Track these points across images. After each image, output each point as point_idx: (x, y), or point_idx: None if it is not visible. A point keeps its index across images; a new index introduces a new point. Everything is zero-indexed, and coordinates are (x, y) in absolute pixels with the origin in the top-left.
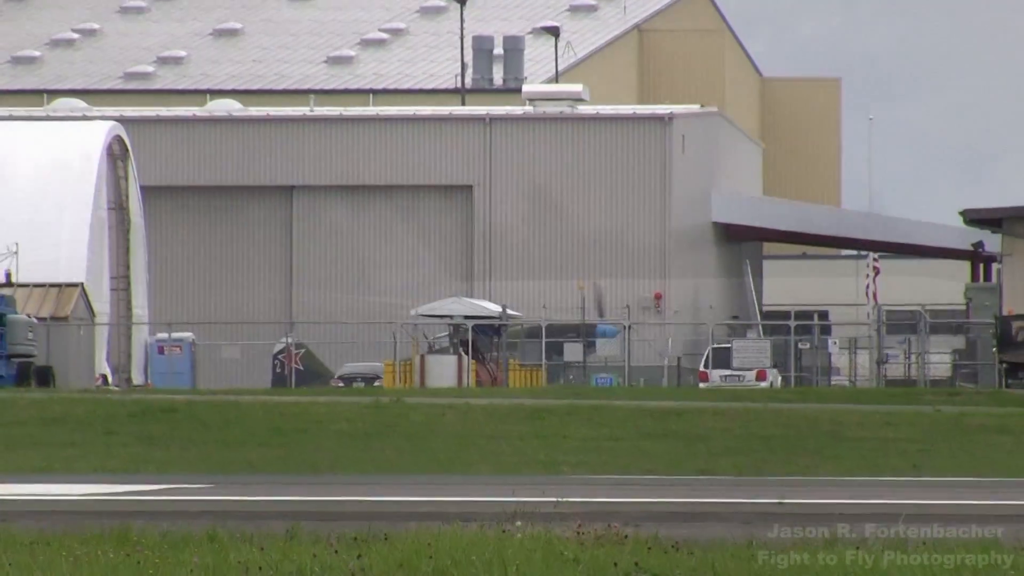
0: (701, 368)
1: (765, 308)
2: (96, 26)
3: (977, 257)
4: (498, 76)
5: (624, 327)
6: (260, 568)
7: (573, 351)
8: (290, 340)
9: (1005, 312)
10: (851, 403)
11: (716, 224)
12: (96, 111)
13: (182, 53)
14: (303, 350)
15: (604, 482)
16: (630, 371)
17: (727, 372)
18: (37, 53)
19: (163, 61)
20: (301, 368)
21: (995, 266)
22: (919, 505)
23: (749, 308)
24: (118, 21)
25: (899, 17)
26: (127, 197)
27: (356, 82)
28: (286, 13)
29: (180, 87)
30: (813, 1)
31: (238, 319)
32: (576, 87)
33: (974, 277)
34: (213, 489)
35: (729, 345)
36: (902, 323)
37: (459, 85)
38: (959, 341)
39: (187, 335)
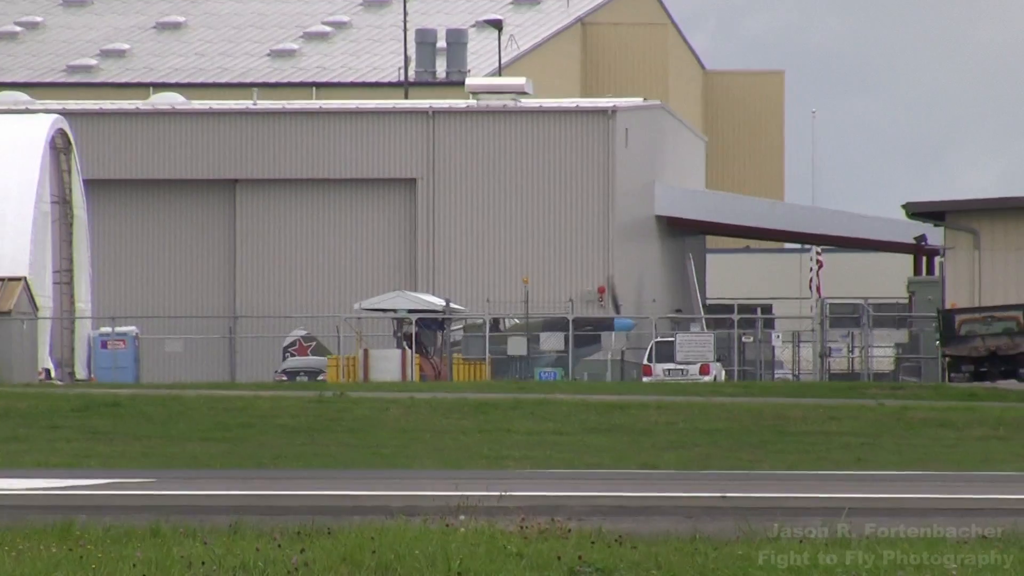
0: (644, 362)
1: (708, 302)
2: (39, 19)
3: (920, 251)
4: (441, 69)
5: (567, 321)
6: (203, 562)
7: (517, 345)
8: (302, 333)
9: (948, 306)
10: (794, 397)
11: (659, 217)
12: (39, 104)
13: (125, 46)
14: (314, 342)
15: (548, 476)
16: (574, 365)
17: (671, 366)
18: None
19: (106, 54)
20: (298, 367)
21: (938, 260)
22: (862, 499)
23: (692, 302)
24: (61, 14)
25: (843, 11)
26: (70, 191)
27: (299, 75)
28: (229, 6)
29: (123, 80)
30: None
31: (181, 313)
32: (519, 80)
33: (917, 271)
34: (156, 484)
35: (672, 339)
36: (845, 317)
37: (402, 78)
38: (902, 335)
39: (131, 329)
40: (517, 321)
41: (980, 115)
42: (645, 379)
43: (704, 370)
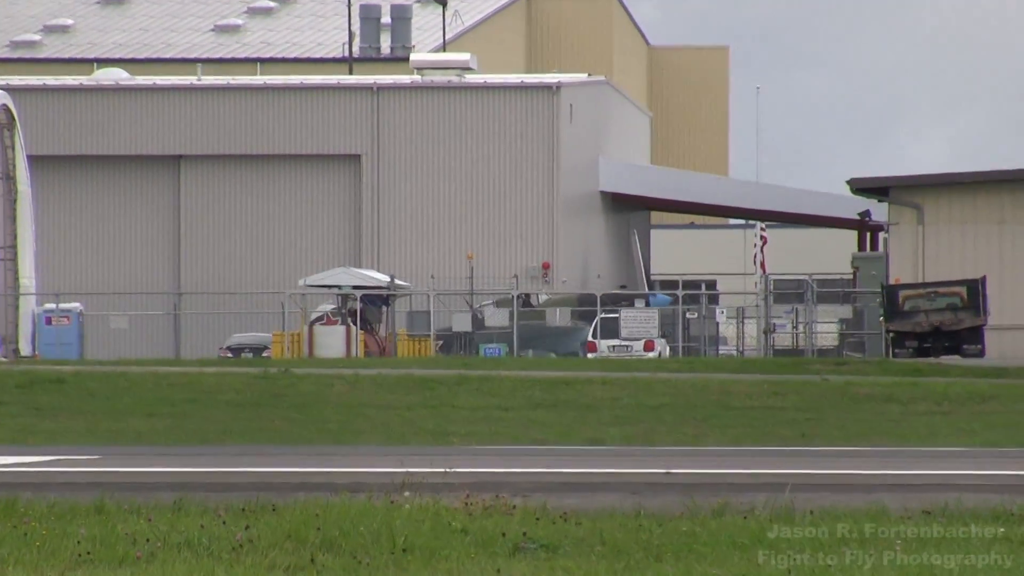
0: (589, 338)
1: (653, 277)
2: None
3: (864, 226)
4: (386, 45)
5: (512, 297)
6: (148, 539)
7: (461, 321)
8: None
9: (892, 281)
10: (739, 373)
11: (604, 193)
12: None
13: (69, 22)
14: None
15: (493, 452)
16: (519, 341)
17: (615, 342)
18: None
19: (50, 30)
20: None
21: (882, 235)
22: (807, 475)
23: (637, 277)
24: None
25: None
26: (14, 167)
27: (243, 51)
28: None
29: (67, 56)
30: None
31: (126, 289)
32: (464, 56)
33: (861, 246)
34: (101, 460)
35: (617, 315)
36: (789, 292)
37: (347, 54)
38: (846, 310)
39: (75, 305)
40: (547, 297)
41: (925, 90)
42: (590, 355)
43: (649, 346)
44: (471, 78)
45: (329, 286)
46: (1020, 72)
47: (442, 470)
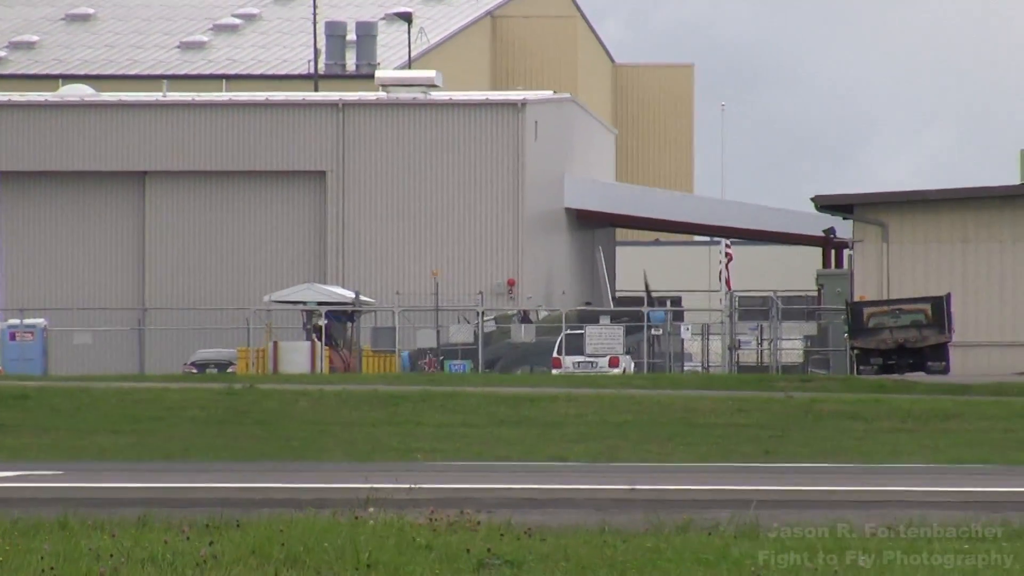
0: (554, 354)
1: (618, 294)
2: None
3: (829, 243)
4: (351, 62)
5: (477, 314)
6: (111, 555)
7: (426, 337)
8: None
9: (856, 298)
10: (703, 389)
11: (569, 210)
12: None
13: (34, 38)
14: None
15: (457, 468)
16: (484, 358)
17: (580, 358)
18: None
19: (15, 46)
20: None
21: (847, 252)
22: (771, 491)
23: (602, 294)
24: None
25: (754, 3)
26: None
27: (209, 67)
28: None
29: (32, 72)
30: None
31: (90, 305)
32: (429, 73)
33: (826, 263)
34: (65, 476)
35: (582, 331)
36: (754, 309)
37: (312, 71)
38: (811, 327)
39: (39, 321)
40: (547, 313)
41: (890, 108)
42: (554, 371)
43: (613, 362)
44: (436, 95)
45: (294, 302)
46: (986, 91)
47: (407, 486)
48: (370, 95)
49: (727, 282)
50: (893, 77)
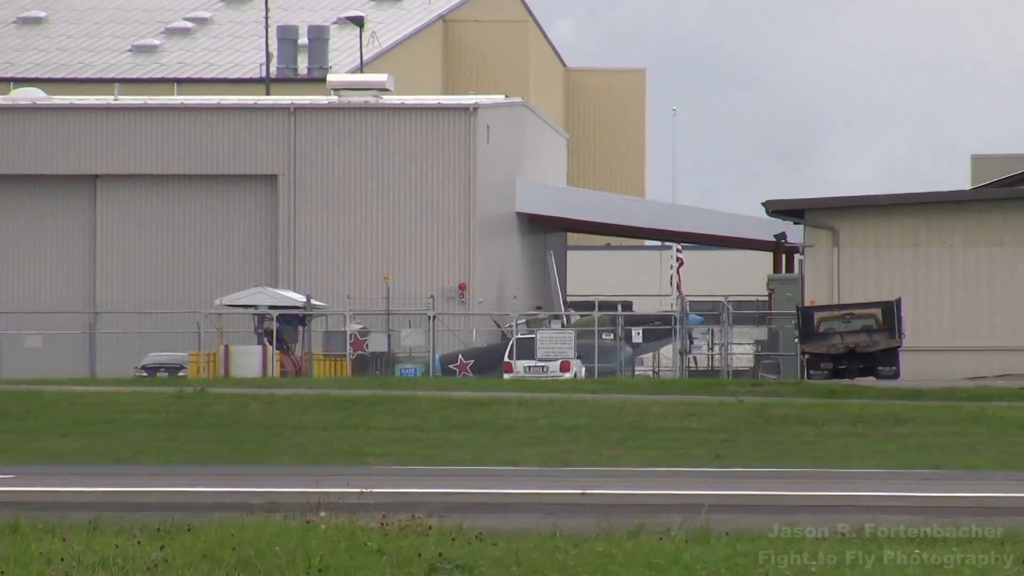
0: (505, 359)
1: (570, 298)
2: None
3: (780, 248)
4: (303, 66)
5: (429, 318)
6: (62, 559)
7: (377, 341)
8: (357, 327)
9: (807, 303)
10: (655, 394)
11: (520, 214)
12: None
13: None
14: (368, 335)
15: (409, 473)
16: (435, 362)
17: (531, 363)
18: None
19: None
20: (366, 353)
21: (797, 257)
22: (722, 495)
23: (553, 298)
24: None
25: (705, 7)
26: None
27: (161, 71)
28: (90, 1)
29: None
30: None
31: (41, 308)
32: (381, 77)
33: (776, 268)
34: (15, 479)
35: (533, 335)
36: (705, 313)
37: (264, 75)
38: (762, 332)
39: None
40: (580, 317)
41: (844, 112)
42: (506, 376)
43: (565, 367)
44: (388, 99)
45: (246, 306)
46: (939, 95)
47: (358, 490)
48: (322, 99)
49: (678, 286)
50: (846, 81)
